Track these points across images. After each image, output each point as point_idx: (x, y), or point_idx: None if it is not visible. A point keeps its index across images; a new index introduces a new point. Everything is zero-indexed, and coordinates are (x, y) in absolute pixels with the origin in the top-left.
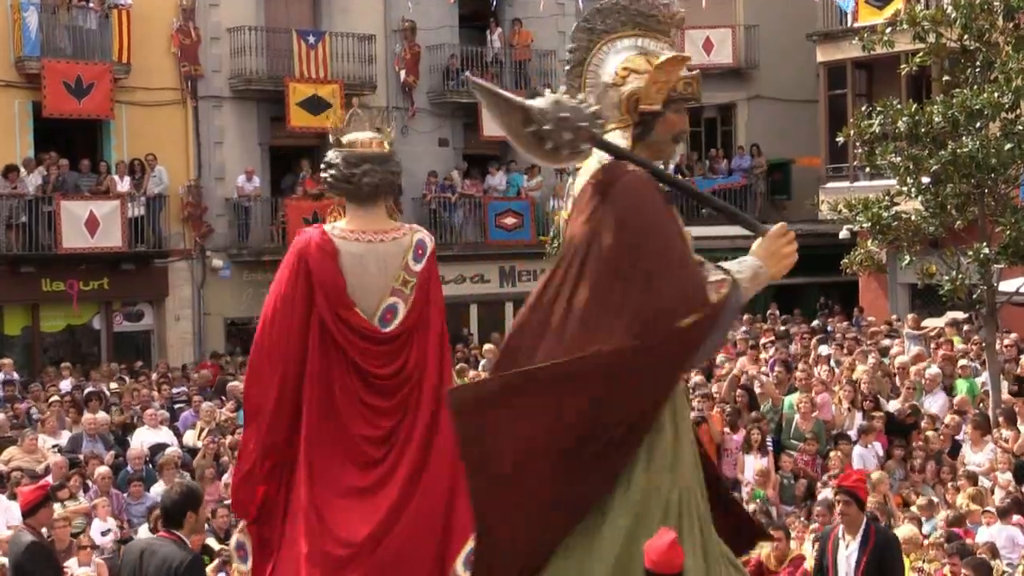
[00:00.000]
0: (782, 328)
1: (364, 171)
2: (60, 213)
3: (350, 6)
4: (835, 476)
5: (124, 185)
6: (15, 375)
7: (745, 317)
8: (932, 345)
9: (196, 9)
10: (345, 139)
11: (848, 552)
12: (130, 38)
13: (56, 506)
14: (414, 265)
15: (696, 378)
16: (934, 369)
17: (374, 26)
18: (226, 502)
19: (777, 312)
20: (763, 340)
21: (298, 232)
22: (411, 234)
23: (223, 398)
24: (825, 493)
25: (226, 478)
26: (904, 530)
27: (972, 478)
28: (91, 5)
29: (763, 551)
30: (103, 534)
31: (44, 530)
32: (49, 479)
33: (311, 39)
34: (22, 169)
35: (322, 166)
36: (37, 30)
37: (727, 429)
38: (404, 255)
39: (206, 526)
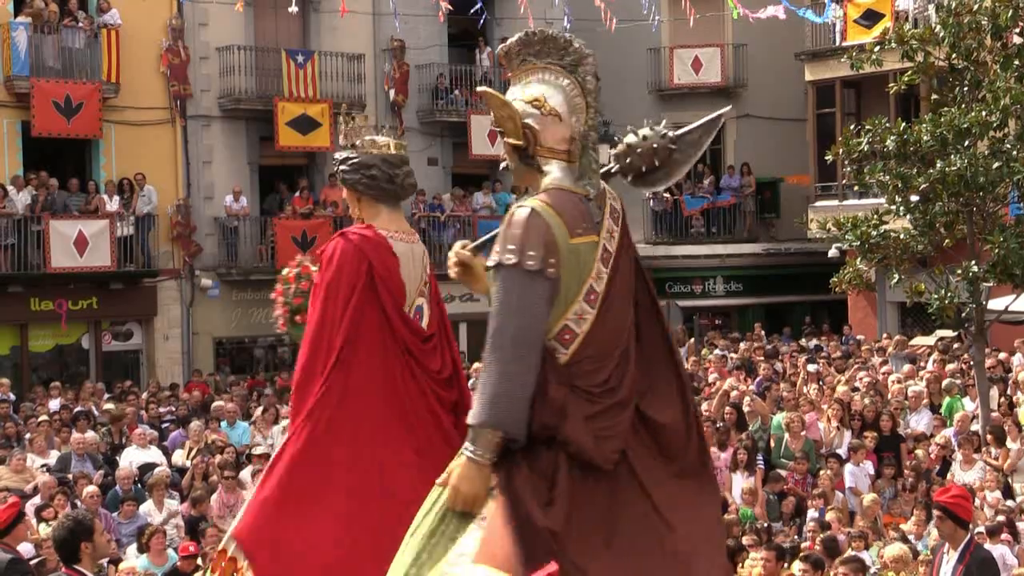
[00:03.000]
0: (770, 347)
1: (406, 172)
2: (49, 233)
3: (339, 25)
4: (821, 495)
5: (113, 204)
6: (11, 395)
7: (733, 335)
8: (920, 363)
9: (185, 28)
10: (366, 140)
11: (947, 568)
12: (119, 57)
13: (42, 526)
14: (428, 268)
15: None
16: (918, 387)
17: (363, 45)
18: (216, 520)
19: (763, 332)
20: (754, 358)
21: (339, 233)
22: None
23: (207, 418)
24: (811, 513)
25: (215, 497)
26: (893, 549)
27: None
28: (80, 24)
29: (754, 570)
30: None
31: (32, 548)
32: (37, 499)
33: (300, 58)
34: (10, 188)
35: (350, 167)
36: (26, 49)
37: (715, 448)
38: (424, 257)
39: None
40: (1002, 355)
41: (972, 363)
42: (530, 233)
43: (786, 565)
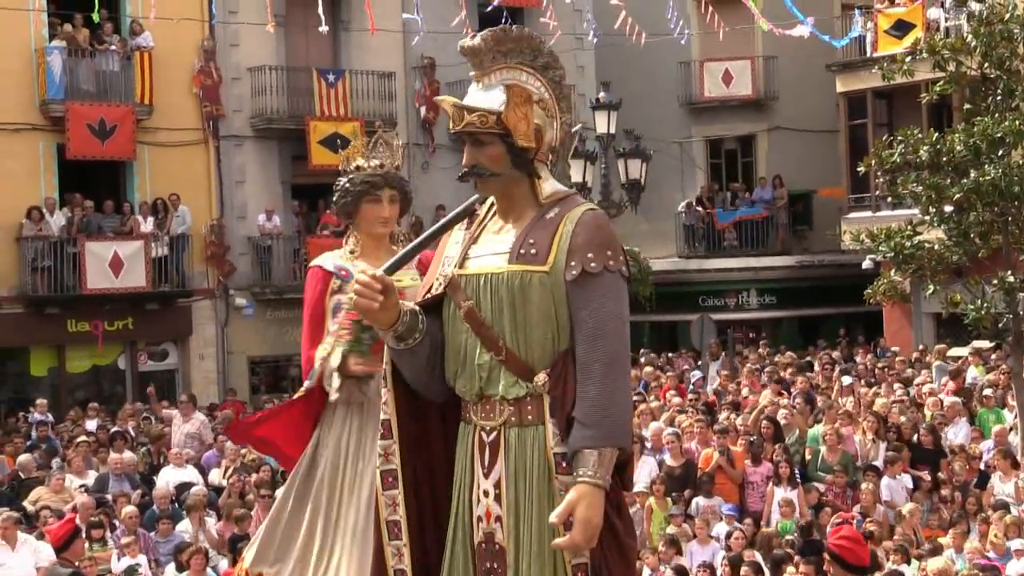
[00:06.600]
0: (804, 360)
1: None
2: (85, 254)
3: (369, 44)
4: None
5: (148, 225)
6: (49, 416)
7: (760, 351)
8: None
9: (217, 50)
10: (352, 164)
11: None
12: (152, 79)
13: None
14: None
15: (723, 414)
16: (952, 398)
17: (394, 63)
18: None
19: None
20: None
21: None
22: None
23: None
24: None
25: (252, 515)
26: (936, 562)
27: (1006, 509)
28: (113, 47)
29: None
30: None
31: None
32: (77, 519)
33: (331, 77)
34: (45, 211)
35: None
36: (61, 73)
37: (749, 462)
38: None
39: None
40: None
41: (1011, 374)
42: (616, 237)
43: None
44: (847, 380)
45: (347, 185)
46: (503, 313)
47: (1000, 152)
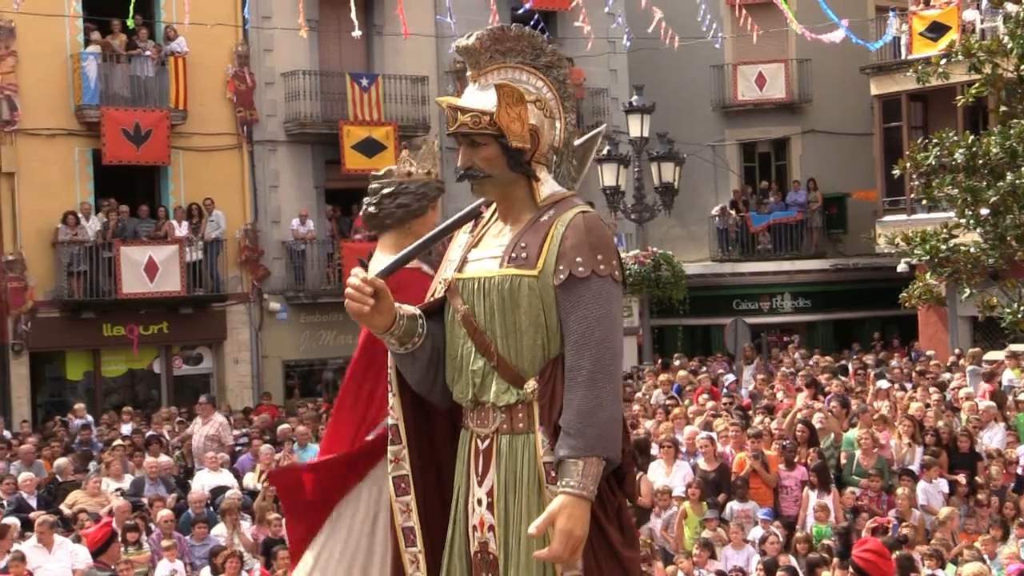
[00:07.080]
0: (839, 364)
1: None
2: (120, 259)
3: (402, 48)
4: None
5: (182, 230)
6: (90, 418)
7: (800, 352)
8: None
9: (250, 55)
10: (425, 168)
11: None
12: (186, 85)
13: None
14: None
15: (758, 418)
16: (987, 402)
17: (426, 67)
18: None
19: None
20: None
21: None
22: None
23: (278, 440)
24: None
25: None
26: (972, 567)
27: None
28: (148, 53)
29: None
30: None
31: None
32: (113, 523)
33: (364, 82)
34: (81, 216)
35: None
36: (96, 79)
37: (783, 466)
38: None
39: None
40: None
41: None
42: (612, 241)
43: None
44: (883, 384)
45: (423, 190)
46: (494, 318)
47: None
